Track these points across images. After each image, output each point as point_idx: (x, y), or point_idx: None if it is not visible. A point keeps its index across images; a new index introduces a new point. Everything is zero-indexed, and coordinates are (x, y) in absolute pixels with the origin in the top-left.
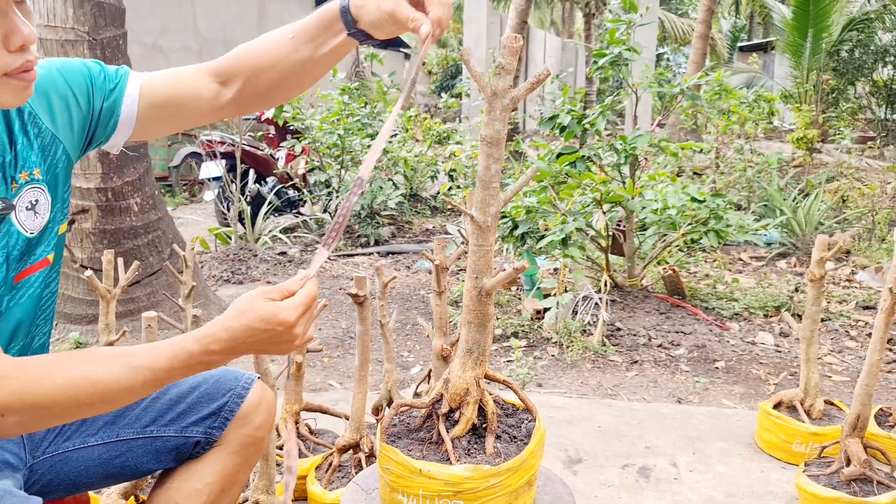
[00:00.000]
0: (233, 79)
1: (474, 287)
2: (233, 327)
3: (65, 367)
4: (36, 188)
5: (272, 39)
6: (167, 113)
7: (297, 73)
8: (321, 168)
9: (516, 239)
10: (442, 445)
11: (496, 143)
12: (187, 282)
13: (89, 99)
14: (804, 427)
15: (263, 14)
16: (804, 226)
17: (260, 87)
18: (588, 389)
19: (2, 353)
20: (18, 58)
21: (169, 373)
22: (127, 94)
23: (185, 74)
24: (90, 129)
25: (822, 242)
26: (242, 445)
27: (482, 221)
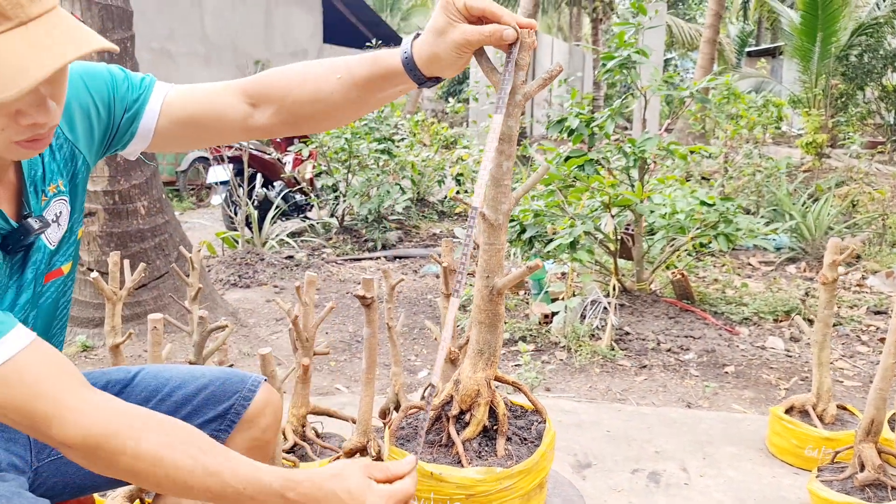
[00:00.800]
0: (265, 103)
1: (485, 286)
2: (319, 485)
3: (143, 434)
4: (60, 200)
5: (314, 73)
6: (189, 130)
7: (345, 112)
8: (328, 172)
9: (524, 243)
10: (452, 448)
11: (509, 140)
12: (194, 284)
13: (110, 109)
14: (816, 432)
15: (270, 19)
16: (814, 230)
17: (297, 118)
18: (597, 394)
19: (86, 384)
20: (28, 131)
21: (238, 495)
22: (149, 107)
23: (213, 92)
24: (109, 137)
25: (835, 246)
26: (249, 449)
27: (494, 219)
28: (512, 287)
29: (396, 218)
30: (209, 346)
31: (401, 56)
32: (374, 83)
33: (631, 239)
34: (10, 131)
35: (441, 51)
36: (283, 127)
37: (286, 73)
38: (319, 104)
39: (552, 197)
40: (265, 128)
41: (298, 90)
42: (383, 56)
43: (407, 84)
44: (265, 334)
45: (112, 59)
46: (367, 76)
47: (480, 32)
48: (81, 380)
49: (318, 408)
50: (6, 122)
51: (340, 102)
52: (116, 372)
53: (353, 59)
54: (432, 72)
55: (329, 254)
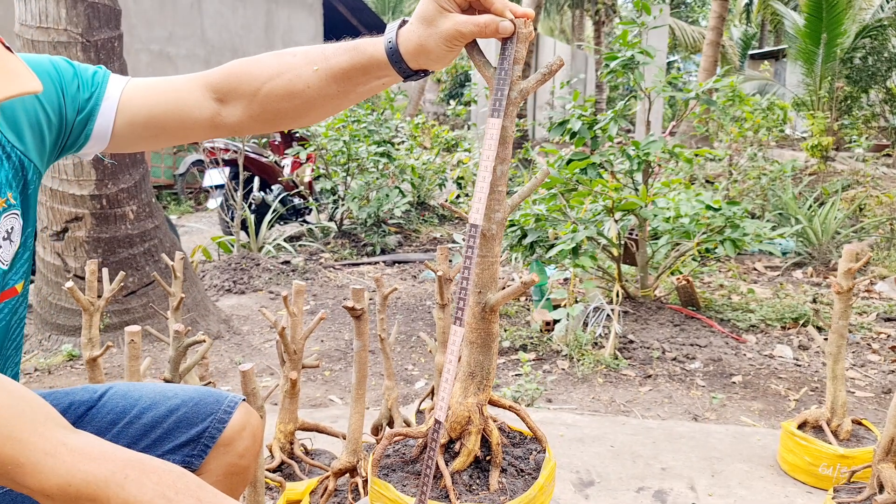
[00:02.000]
0: (234, 99)
1: (477, 303)
2: None
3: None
4: (11, 215)
5: (288, 65)
6: (150, 131)
7: (324, 107)
8: (327, 176)
9: (525, 248)
10: (441, 480)
11: (504, 142)
12: (176, 294)
13: (61, 111)
14: (831, 449)
15: (271, 21)
16: (820, 235)
17: (270, 114)
18: (600, 405)
19: (68, 427)
20: None
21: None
22: (104, 106)
23: (175, 88)
24: (61, 142)
25: (850, 253)
26: (225, 475)
27: (486, 229)
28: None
29: (396, 222)
30: (189, 361)
31: (384, 46)
32: (355, 76)
33: (635, 244)
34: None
35: (430, 42)
36: (254, 124)
37: (257, 65)
38: (295, 99)
39: (554, 201)
40: (235, 125)
41: (271, 84)
42: (365, 45)
43: (391, 77)
44: (258, 342)
45: (99, 60)
46: (346, 68)
47: (475, 23)
48: (56, 418)
49: (307, 423)
50: None
51: (317, 97)
52: (81, 392)
53: (330, 49)
54: (419, 64)
55: (327, 258)
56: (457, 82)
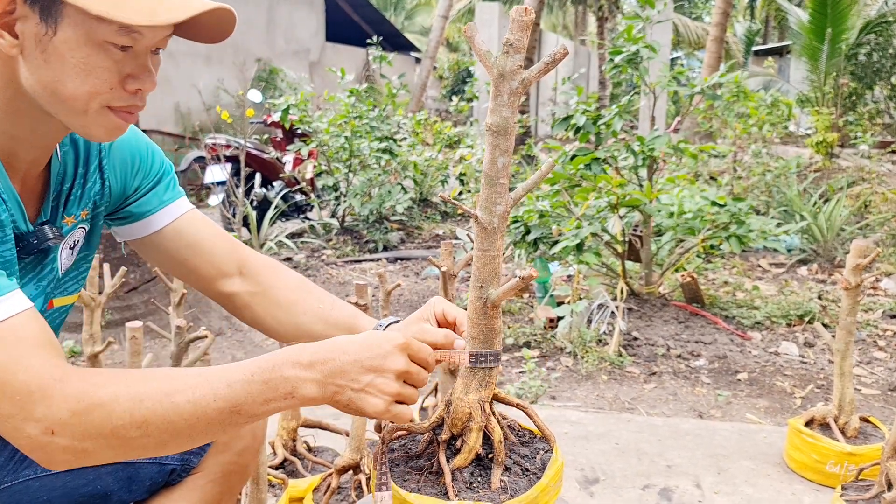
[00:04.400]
0: (252, 279)
1: (479, 298)
2: (336, 340)
3: (126, 379)
4: (81, 229)
5: (305, 288)
6: (175, 260)
7: (294, 333)
8: (329, 172)
9: (528, 244)
10: (442, 477)
11: (504, 133)
12: (177, 289)
13: (140, 184)
14: (839, 446)
15: (272, 17)
16: (825, 231)
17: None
18: (604, 403)
19: (63, 356)
20: (129, 99)
21: (247, 388)
22: (154, 217)
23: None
24: (118, 206)
25: (858, 249)
26: (223, 473)
27: (488, 223)
28: (513, 293)
29: (398, 218)
30: (191, 357)
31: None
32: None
33: (639, 240)
34: (116, 94)
35: None
36: (241, 303)
37: (287, 273)
38: (285, 314)
39: (558, 197)
40: (227, 295)
41: (284, 291)
42: (362, 322)
43: None
44: (260, 339)
45: None
46: (339, 324)
47: (437, 334)
48: (59, 352)
49: (310, 420)
50: (117, 81)
51: (300, 324)
52: None
53: (339, 303)
54: None
55: (329, 255)
56: (459, 78)
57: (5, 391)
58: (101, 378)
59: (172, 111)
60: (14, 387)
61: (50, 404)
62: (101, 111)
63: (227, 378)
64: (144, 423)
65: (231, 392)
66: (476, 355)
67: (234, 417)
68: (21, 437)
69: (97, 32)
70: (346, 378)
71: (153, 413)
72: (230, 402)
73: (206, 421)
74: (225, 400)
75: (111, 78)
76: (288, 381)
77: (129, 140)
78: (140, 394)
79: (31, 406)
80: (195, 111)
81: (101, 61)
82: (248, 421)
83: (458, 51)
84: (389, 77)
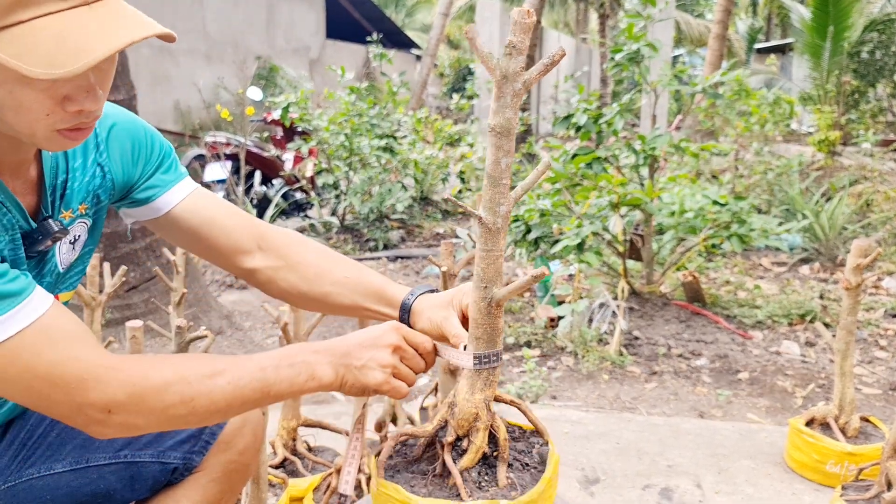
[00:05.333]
0: (273, 253)
1: (483, 298)
2: (347, 335)
3: (172, 363)
4: (82, 223)
5: (332, 258)
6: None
7: (320, 303)
8: (329, 170)
9: (529, 244)
10: (448, 479)
11: (506, 134)
12: (178, 289)
13: (143, 171)
14: (839, 446)
15: (272, 15)
16: (827, 230)
17: (292, 285)
18: (605, 402)
19: (105, 350)
20: (72, 120)
21: (276, 372)
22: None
23: (232, 222)
24: (124, 194)
25: (859, 248)
26: (225, 472)
27: (491, 223)
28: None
29: (398, 217)
30: None
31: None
32: (371, 302)
33: (640, 239)
34: (56, 118)
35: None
36: (264, 278)
37: (309, 245)
38: (311, 286)
39: (559, 196)
40: (249, 270)
41: (306, 263)
42: (391, 291)
43: (390, 316)
44: (260, 338)
45: None
46: (368, 294)
47: (453, 329)
48: (100, 344)
49: (310, 420)
50: (53, 107)
51: (327, 293)
52: None
53: (365, 271)
54: (412, 322)
55: None
56: (459, 76)
57: (57, 383)
58: (149, 363)
59: (172, 109)
60: (65, 379)
61: (105, 389)
62: (49, 135)
63: (258, 363)
64: (192, 402)
65: (264, 375)
66: (479, 357)
67: (265, 398)
68: (77, 417)
69: (11, 71)
70: (351, 357)
71: (199, 393)
72: (263, 383)
73: (241, 399)
74: (260, 381)
75: (43, 107)
76: (309, 364)
77: (127, 128)
78: (187, 377)
79: (84, 393)
80: (195, 109)
81: (25, 95)
82: (275, 400)
83: (458, 48)
84: (390, 75)
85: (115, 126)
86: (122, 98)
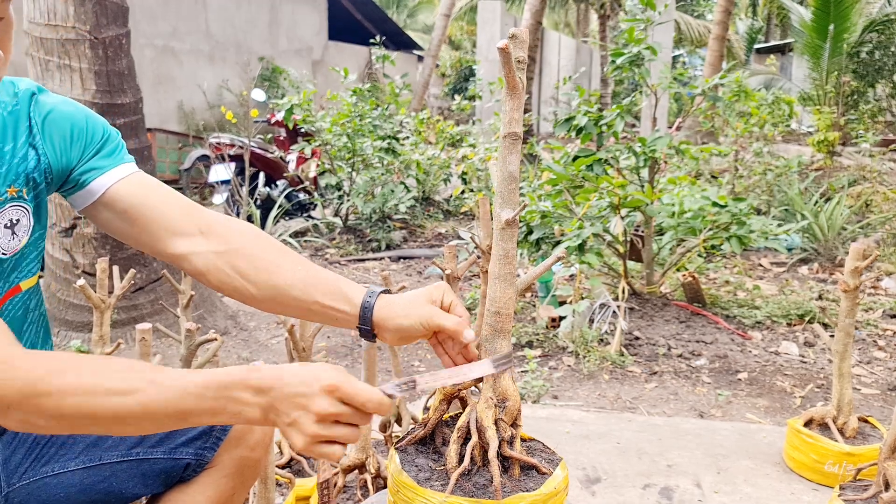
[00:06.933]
0: (217, 240)
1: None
2: (284, 368)
3: (79, 370)
4: (19, 207)
5: (289, 256)
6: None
7: (280, 298)
8: (332, 171)
9: (531, 244)
10: (469, 475)
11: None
12: (185, 291)
13: (81, 155)
14: (837, 447)
15: (275, 16)
16: (826, 231)
17: (239, 273)
18: (606, 402)
19: (15, 341)
20: None
21: (198, 401)
22: (96, 182)
23: (171, 203)
24: (64, 179)
25: (857, 251)
26: (237, 468)
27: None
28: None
29: (401, 217)
30: (200, 360)
31: (361, 307)
32: (325, 302)
33: (640, 240)
34: None
35: (400, 311)
36: (203, 263)
37: (261, 235)
38: (261, 275)
39: (560, 197)
40: (183, 255)
41: (258, 251)
42: (346, 288)
43: (350, 322)
44: (265, 338)
45: (107, 57)
46: (322, 293)
47: (451, 321)
48: (10, 338)
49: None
50: None
51: (278, 286)
52: None
53: (317, 268)
54: (381, 328)
55: (332, 254)
56: (461, 77)
57: None
58: (53, 365)
59: (176, 110)
60: None
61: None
62: None
63: (183, 387)
64: (93, 416)
65: (182, 403)
66: (496, 360)
67: (181, 423)
68: None
69: None
70: (280, 411)
71: (102, 408)
72: (180, 410)
73: (152, 421)
74: (175, 408)
75: None
76: (236, 402)
77: (65, 112)
78: (91, 389)
79: None
80: (199, 110)
81: None
82: (194, 425)
83: (460, 48)
84: (392, 76)
85: (52, 111)
86: (128, 101)
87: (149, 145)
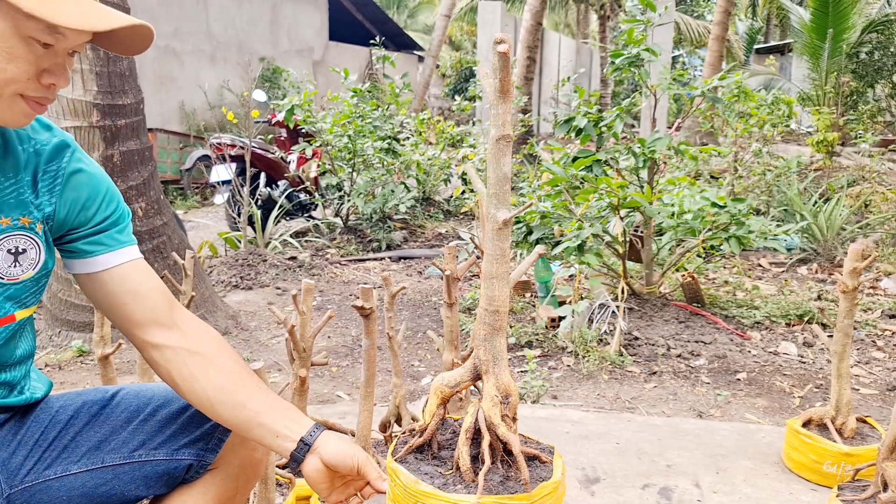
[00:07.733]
0: (192, 341)
1: (488, 304)
2: None
3: None
4: (28, 237)
5: (237, 378)
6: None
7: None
8: (333, 171)
9: (531, 245)
10: (464, 473)
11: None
12: (186, 292)
13: (84, 221)
14: (836, 447)
15: (276, 16)
16: (825, 231)
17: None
18: (605, 402)
19: None
20: (42, 91)
21: None
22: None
23: (151, 298)
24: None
25: (856, 252)
26: (239, 468)
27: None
28: (518, 289)
29: (401, 217)
30: None
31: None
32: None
33: (640, 241)
34: (30, 84)
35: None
36: (171, 357)
37: (227, 352)
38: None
39: (559, 198)
40: (156, 345)
41: (222, 372)
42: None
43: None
44: (266, 338)
45: (108, 60)
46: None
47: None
48: None
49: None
50: (33, 74)
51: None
52: (93, 392)
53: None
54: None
55: (333, 254)
56: (462, 77)
57: None
58: None
59: (177, 110)
60: None
61: None
62: (13, 98)
63: None
64: None
65: None
66: None
67: None
68: None
69: (24, 27)
70: None
71: None
72: None
73: None
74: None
75: (29, 69)
76: None
77: (91, 180)
78: None
79: None
80: (200, 110)
81: (23, 53)
82: None
83: (460, 49)
84: (393, 77)
85: (80, 172)
86: (129, 101)
87: (150, 145)
